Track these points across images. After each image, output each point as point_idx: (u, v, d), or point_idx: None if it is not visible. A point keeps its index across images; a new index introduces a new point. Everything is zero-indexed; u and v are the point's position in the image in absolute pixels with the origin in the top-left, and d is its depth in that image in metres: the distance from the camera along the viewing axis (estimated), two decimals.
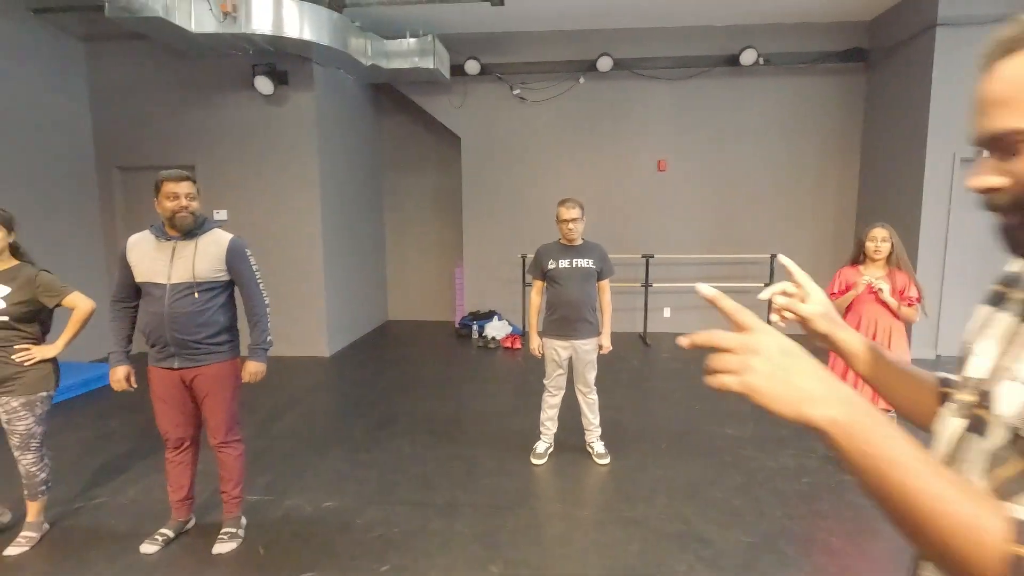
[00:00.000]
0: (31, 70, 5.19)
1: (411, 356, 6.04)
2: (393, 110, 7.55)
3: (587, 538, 2.60)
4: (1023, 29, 0.55)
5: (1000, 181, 0.56)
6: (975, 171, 0.58)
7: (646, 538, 2.59)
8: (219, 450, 2.53)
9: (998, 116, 0.55)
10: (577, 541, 2.58)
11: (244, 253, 2.46)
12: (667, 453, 3.49)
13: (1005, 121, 0.54)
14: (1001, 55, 0.55)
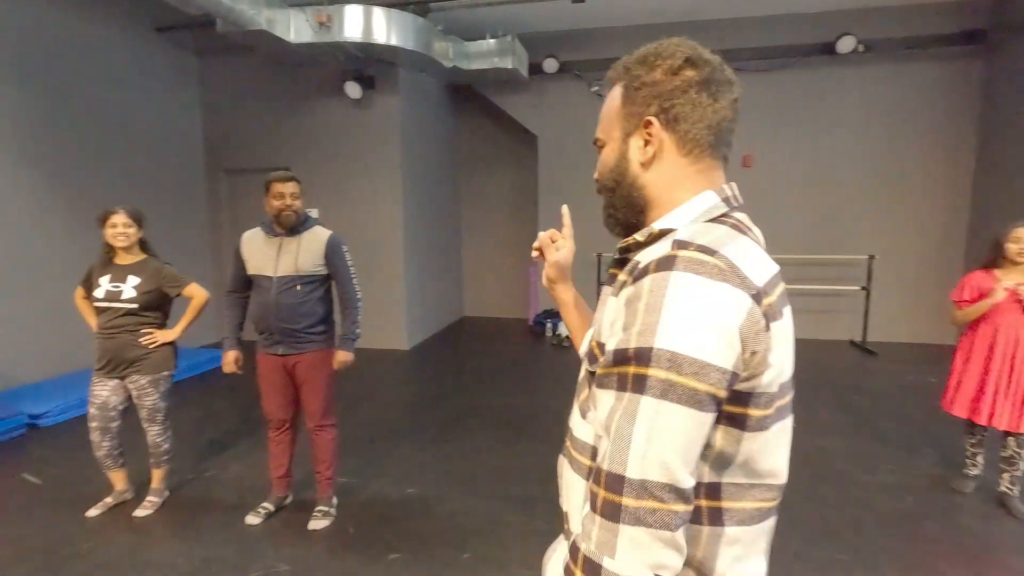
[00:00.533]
0: (152, 83, 5.76)
1: (487, 352, 6.15)
2: (472, 111, 7.71)
3: None
4: (617, 72, 0.83)
5: (597, 174, 0.91)
6: None
7: None
8: (315, 433, 2.70)
9: (598, 127, 0.88)
10: None
11: (341, 249, 2.61)
12: None
13: (597, 132, 0.89)
14: (608, 86, 0.86)
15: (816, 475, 3.16)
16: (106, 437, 2.70)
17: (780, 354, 0.69)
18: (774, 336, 0.67)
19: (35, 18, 4.60)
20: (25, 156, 4.55)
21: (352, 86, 5.71)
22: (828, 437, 3.67)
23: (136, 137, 5.55)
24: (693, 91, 0.76)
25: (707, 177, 0.80)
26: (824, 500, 2.90)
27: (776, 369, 0.68)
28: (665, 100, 0.77)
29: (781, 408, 0.73)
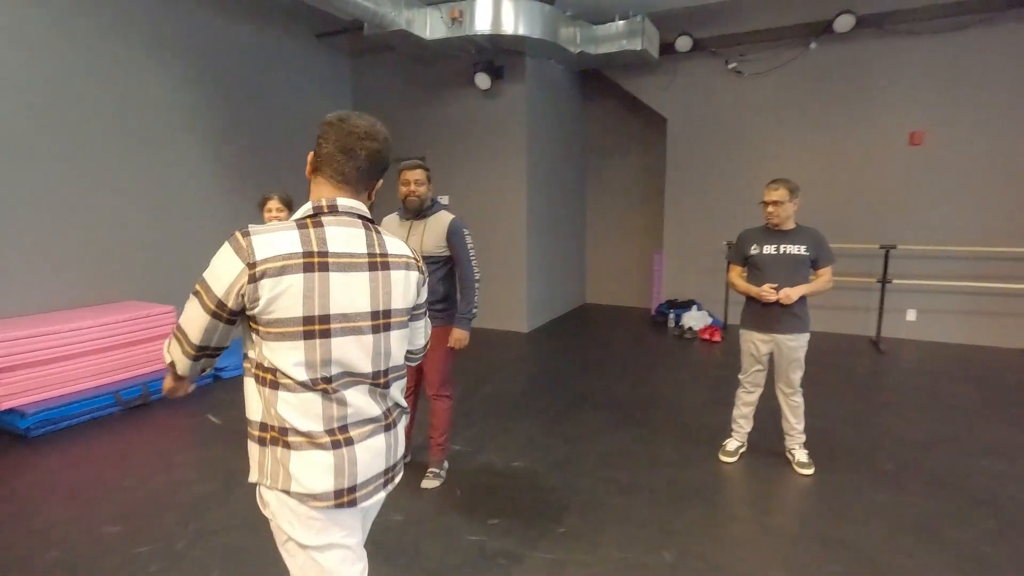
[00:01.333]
0: (312, 83, 6.51)
1: (605, 339, 6.13)
2: (598, 95, 7.62)
3: (774, 546, 2.40)
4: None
5: None
6: None
7: (854, 563, 2.28)
8: (433, 400, 2.94)
9: None
10: (763, 546, 2.40)
11: (462, 232, 2.79)
12: (893, 477, 2.99)
13: None
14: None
15: (975, 500, 2.74)
16: None
17: (281, 298, 1.14)
18: (263, 287, 1.13)
19: (219, 32, 5.44)
20: (211, 151, 5.44)
21: (481, 77, 5.95)
22: (996, 457, 3.14)
23: (296, 132, 6.34)
24: (322, 137, 1.29)
25: (316, 192, 1.30)
26: (982, 528, 2.51)
27: (274, 306, 1.14)
28: (316, 142, 1.31)
29: (290, 332, 1.16)
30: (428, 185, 2.78)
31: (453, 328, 2.80)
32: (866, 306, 5.99)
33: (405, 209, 2.80)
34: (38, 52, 4.09)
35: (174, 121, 5.05)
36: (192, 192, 5.25)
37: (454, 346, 2.80)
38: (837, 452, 3.26)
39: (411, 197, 2.75)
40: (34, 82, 4.08)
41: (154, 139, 4.91)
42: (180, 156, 5.14)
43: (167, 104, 4.98)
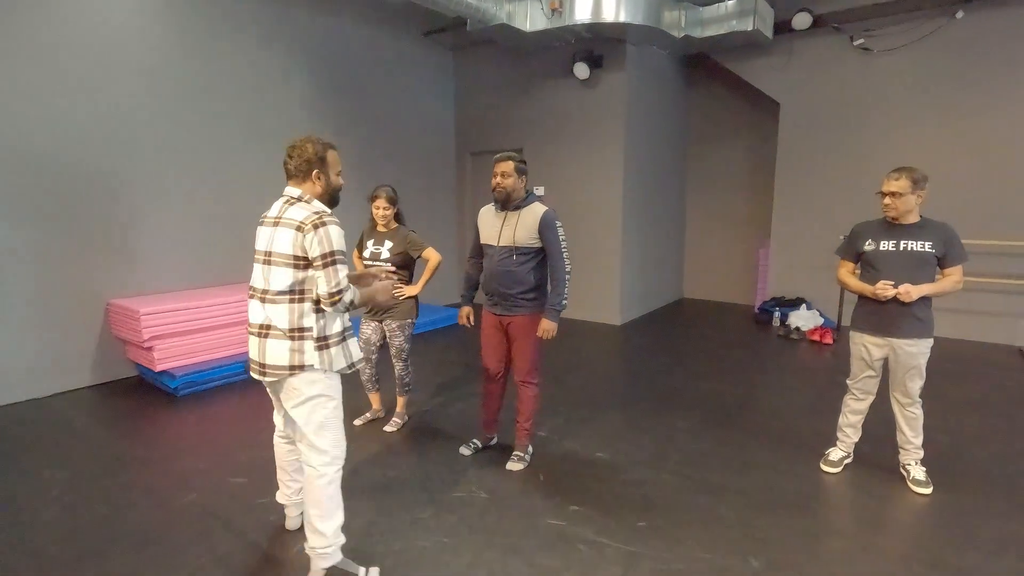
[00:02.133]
0: (418, 79, 6.83)
1: (702, 336, 5.90)
2: (703, 80, 7.28)
3: (878, 566, 2.22)
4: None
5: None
6: None
7: None
8: (520, 387, 3.03)
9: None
10: (864, 565, 2.22)
11: (553, 224, 2.82)
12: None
13: None
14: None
15: None
16: (368, 365, 3.46)
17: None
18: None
19: (333, 33, 5.86)
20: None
21: (580, 67, 5.92)
22: None
23: (403, 126, 6.70)
24: None
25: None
26: None
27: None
28: None
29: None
30: (517, 177, 2.83)
31: (541, 319, 2.85)
32: (1013, 311, 5.25)
33: (495, 200, 2.89)
34: (178, 58, 4.69)
35: (296, 119, 5.55)
36: None
37: (542, 336, 2.85)
38: (963, 473, 2.93)
39: (498, 189, 2.83)
40: (176, 85, 4.68)
41: (278, 135, 5.42)
42: None
43: (290, 103, 5.49)
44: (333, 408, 2.11)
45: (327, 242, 1.93)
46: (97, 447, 3.29)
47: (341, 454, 2.16)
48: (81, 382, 4.30)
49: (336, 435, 2.14)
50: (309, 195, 2.05)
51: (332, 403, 2.11)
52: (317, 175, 2.07)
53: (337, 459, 2.14)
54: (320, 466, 2.09)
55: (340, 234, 1.98)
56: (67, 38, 4.03)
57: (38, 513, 2.59)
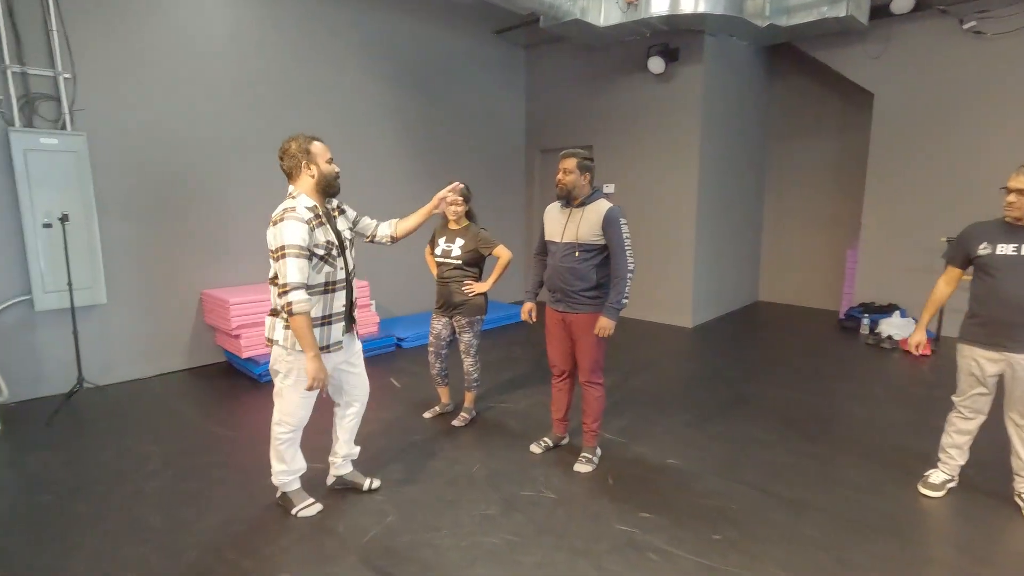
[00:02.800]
0: (489, 77, 6.88)
1: (779, 341, 5.60)
2: (787, 72, 6.89)
3: None
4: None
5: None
6: None
7: None
8: (585, 387, 2.98)
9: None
10: None
11: (617, 221, 2.75)
12: None
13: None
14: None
15: None
16: (438, 360, 3.52)
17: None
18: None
19: (408, 34, 6.00)
20: (403, 145, 6.06)
21: (655, 61, 5.75)
22: None
23: (473, 124, 6.76)
24: None
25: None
26: None
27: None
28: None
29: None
30: (580, 174, 2.78)
31: (600, 316, 2.76)
32: None
33: (557, 196, 2.86)
34: (267, 66, 4.95)
35: (371, 119, 5.73)
36: (387, 183, 5.92)
37: (598, 333, 2.77)
38: None
39: (560, 184, 2.81)
40: (265, 91, 4.95)
41: (355, 135, 5.63)
42: (382, 148, 5.82)
43: (366, 105, 5.67)
44: (291, 384, 2.38)
45: (279, 237, 2.16)
46: (189, 427, 3.54)
47: (292, 421, 2.45)
48: (176, 366, 4.65)
49: (288, 405, 2.42)
50: (300, 190, 2.30)
51: (289, 379, 2.38)
52: (307, 166, 2.28)
53: (285, 424, 2.45)
54: (274, 423, 2.48)
55: (297, 229, 2.17)
56: (167, 50, 4.35)
57: (139, 485, 2.82)
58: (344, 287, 2.42)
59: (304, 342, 2.21)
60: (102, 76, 4.06)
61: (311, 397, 2.45)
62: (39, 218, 3.80)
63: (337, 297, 2.39)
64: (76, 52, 3.93)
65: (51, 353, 4.02)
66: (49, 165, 3.82)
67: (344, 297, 2.43)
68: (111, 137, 4.13)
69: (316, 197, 2.33)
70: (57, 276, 3.85)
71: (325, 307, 2.34)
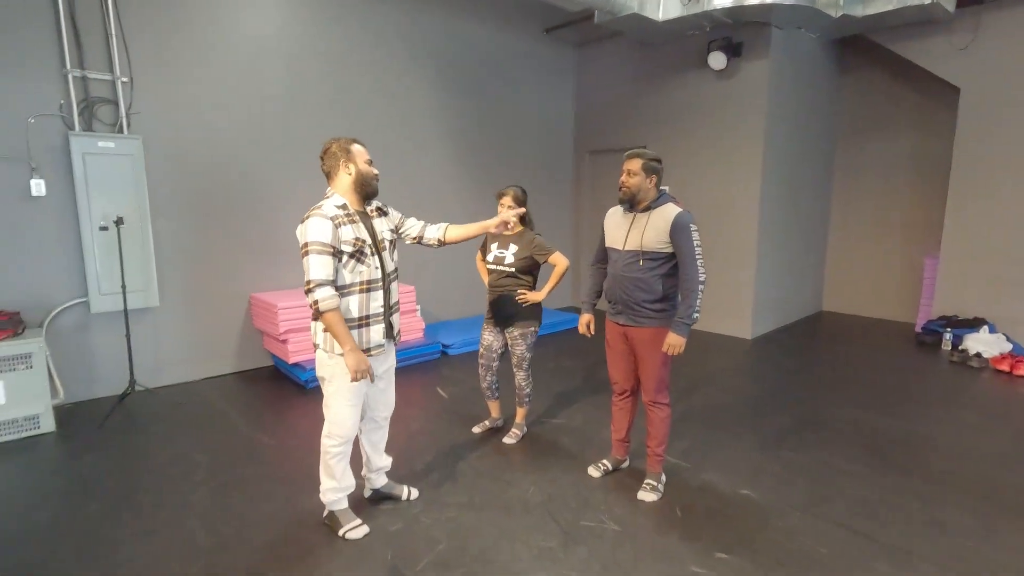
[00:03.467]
0: (538, 77, 6.68)
1: (849, 356, 5.18)
2: (858, 66, 6.43)
3: None
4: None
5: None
6: None
7: None
8: (649, 407, 2.74)
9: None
10: None
11: (687, 227, 2.51)
12: None
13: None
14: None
15: None
16: (488, 373, 3.34)
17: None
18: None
19: (455, 34, 5.86)
20: (447, 146, 5.93)
21: (716, 56, 5.43)
22: None
23: (521, 125, 6.58)
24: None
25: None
26: None
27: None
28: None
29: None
30: (646, 176, 2.55)
31: (669, 332, 2.52)
32: None
33: (619, 200, 2.64)
34: (316, 67, 4.89)
35: (418, 120, 5.62)
36: (438, 185, 5.81)
37: (667, 351, 2.53)
38: None
39: (623, 188, 2.59)
40: (313, 94, 4.90)
41: (401, 138, 5.53)
42: (430, 151, 5.71)
43: (412, 106, 5.57)
44: (333, 391, 2.29)
45: (304, 234, 2.14)
46: (236, 434, 3.48)
47: (340, 432, 2.33)
48: (224, 369, 4.63)
49: (335, 414, 2.31)
50: (335, 190, 2.28)
51: (332, 386, 2.28)
52: (345, 164, 2.25)
53: (333, 435, 2.33)
54: (323, 436, 2.37)
55: (321, 226, 2.13)
56: (218, 54, 4.34)
57: (185, 496, 2.74)
58: (381, 287, 2.33)
59: (339, 337, 2.16)
60: (155, 79, 4.07)
61: (358, 405, 2.34)
62: (96, 221, 3.82)
63: (374, 297, 2.30)
64: (133, 56, 3.95)
65: (106, 355, 4.05)
66: (106, 168, 3.84)
67: (381, 298, 2.33)
68: (163, 140, 4.14)
69: (351, 196, 2.30)
70: (113, 279, 3.86)
71: (361, 307, 2.27)
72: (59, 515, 2.58)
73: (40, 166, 3.69)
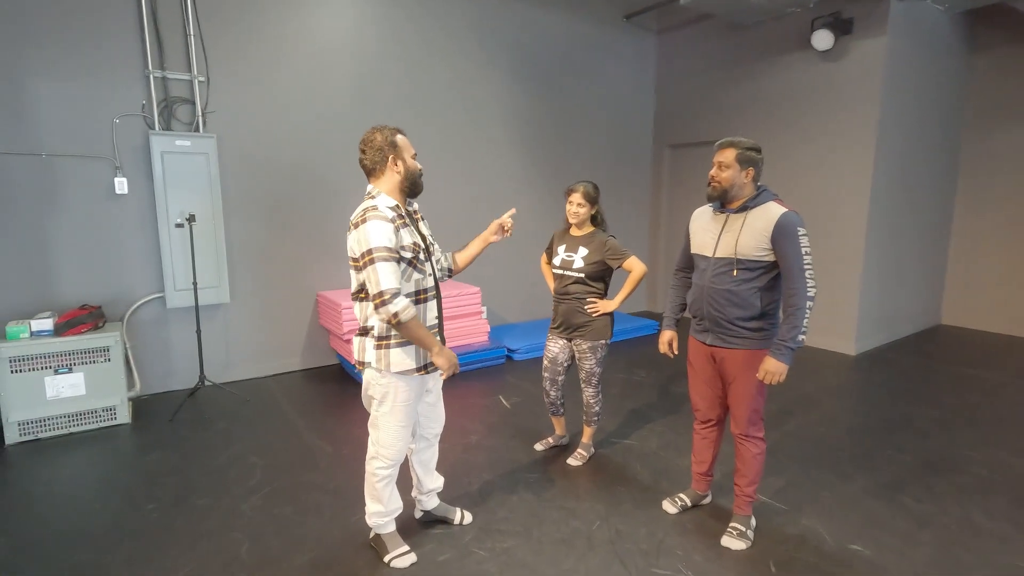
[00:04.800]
0: (616, 66, 6.28)
1: (977, 378, 4.42)
2: (995, 43, 5.53)
3: None
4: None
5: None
6: None
7: None
8: (738, 441, 2.35)
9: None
10: None
11: (794, 232, 2.10)
12: None
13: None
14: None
15: None
16: (553, 387, 3.05)
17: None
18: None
19: (528, 20, 5.58)
20: (520, 143, 5.68)
21: (822, 35, 4.81)
22: None
23: (597, 117, 6.21)
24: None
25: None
26: None
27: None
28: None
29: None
30: (740, 169, 2.16)
31: (767, 357, 2.11)
32: None
33: (708, 197, 2.26)
34: (385, 66, 4.79)
35: (492, 115, 5.41)
36: (509, 183, 5.58)
37: (764, 379, 2.12)
38: None
39: (712, 183, 2.21)
40: (383, 92, 4.80)
41: (474, 134, 5.34)
42: (501, 148, 5.50)
43: (486, 100, 5.36)
44: (387, 411, 2.09)
45: (365, 240, 1.89)
46: (295, 437, 3.41)
47: (390, 455, 2.13)
48: (291, 367, 4.65)
49: (385, 436, 2.12)
50: (379, 189, 2.03)
51: (385, 406, 2.09)
52: (394, 160, 2.02)
53: (382, 458, 2.13)
54: (369, 458, 2.17)
55: (383, 230, 1.90)
56: (288, 54, 4.33)
57: (237, 502, 2.66)
58: (435, 296, 2.14)
59: (425, 342, 2.00)
60: (230, 79, 4.11)
61: (409, 426, 2.15)
62: (173, 219, 3.91)
63: (430, 308, 2.12)
64: (210, 56, 4.00)
65: (180, 349, 4.15)
66: (183, 167, 3.91)
67: (436, 308, 2.15)
68: (237, 139, 4.18)
69: (398, 196, 2.07)
70: (187, 275, 3.94)
71: (419, 319, 2.01)
72: (119, 515, 2.57)
73: (123, 165, 3.81)
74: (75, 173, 3.68)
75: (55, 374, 3.37)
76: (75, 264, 3.75)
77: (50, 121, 3.58)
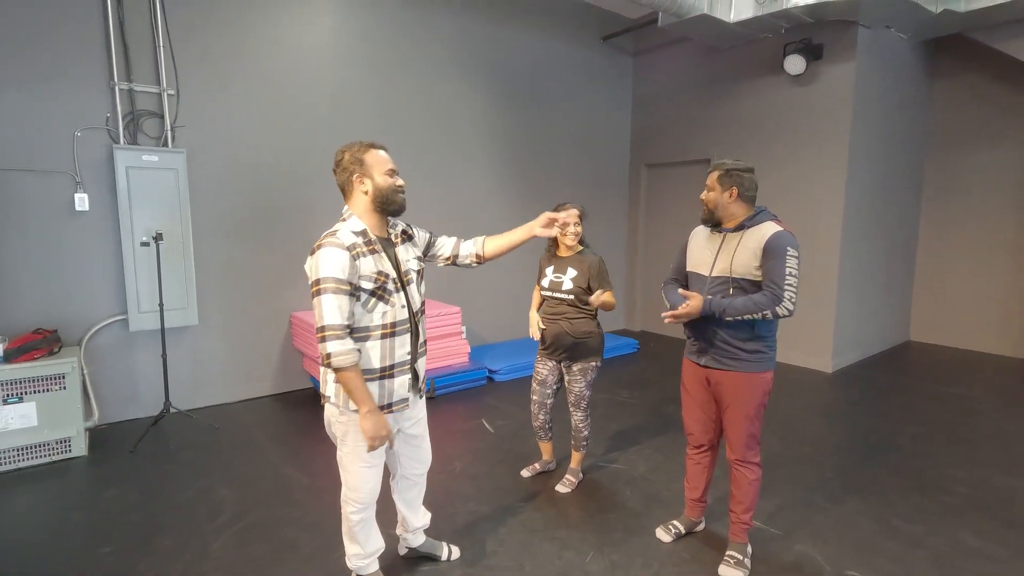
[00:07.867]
0: (596, 87, 6.34)
1: (951, 395, 4.51)
2: (954, 71, 5.78)
3: None
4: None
5: None
6: None
7: None
8: (734, 466, 2.30)
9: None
10: None
11: (782, 250, 2.08)
12: None
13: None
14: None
15: None
16: (542, 411, 2.96)
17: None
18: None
19: (508, 42, 5.59)
20: (497, 160, 5.64)
21: (794, 60, 4.94)
22: None
23: (574, 138, 6.23)
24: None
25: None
26: None
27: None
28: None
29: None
30: (722, 190, 2.19)
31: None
32: None
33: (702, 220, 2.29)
34: (364, 82, 4.71)
35: (467, 135, 5.37)
36: (485, 200, 5.53)
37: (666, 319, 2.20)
38: None
39: (703, 206, 2.26)
40: (361, 108, 4.71)
41: (451, 153, 5.28)
42: (477, 164, 5.45)
43: (463, 121, 5.32)
44: (348, 451, 1.92)
45: (315, 269, 1.76)
46: (267, 467, 3.23)
47: (358, 498, 1.98)
48: (262, 391, 4.44)
49: (352, 479, 1.96)
50: (352, 211, 1.90)
51: (346, 446, 1.92)
52: (359, 179, 1.87)
53: (351, 502, 1.99)
54: (342, 500, 2.03)
55: (336, 259, 1.74)
56: (262, 68, 4.21)
57: (206, 542, 2.48)
58: (408, 330, 1.92)
59: (356, 396, 1.76)
60: (201, 92, 3.97)
61: (378, 466, 1.97)
62: (138, 236, 3.71)
63: (399, 343, 1.89)
64: (180, 69, 3.85)
65: (143, 375, 3.92)
66: (150, 183, 3.73)
67: (408, 343, 1.93)
68: (206, 154, 4.02)
69: (371, 218, 1.89)
70: (152, 296, 3.73)
71: (384, 356, 1.86)
72: (73, 559, 2.36)
73: (84, 180, 3.61)
74: (31, 188, 3.47)
75: (4, 404, 3.12)
76: (29, 285, 3.51)
77: (3, 133, 3.37)
